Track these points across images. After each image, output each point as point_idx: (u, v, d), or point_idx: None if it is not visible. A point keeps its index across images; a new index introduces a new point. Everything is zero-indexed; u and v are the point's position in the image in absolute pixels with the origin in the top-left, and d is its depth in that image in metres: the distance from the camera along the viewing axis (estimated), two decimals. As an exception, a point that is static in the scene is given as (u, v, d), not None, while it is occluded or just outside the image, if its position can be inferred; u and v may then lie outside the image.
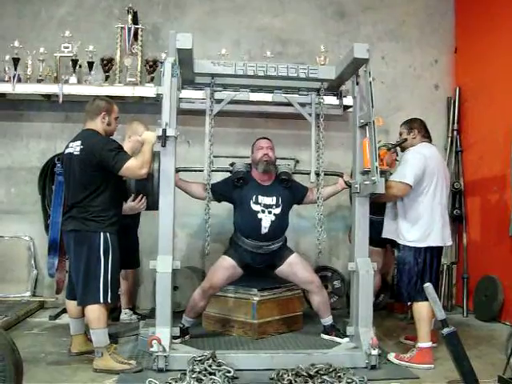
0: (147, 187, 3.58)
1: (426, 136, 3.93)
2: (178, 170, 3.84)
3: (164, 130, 3.35)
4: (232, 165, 4.22)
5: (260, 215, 3.97)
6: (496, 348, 3.90)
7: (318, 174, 4.06)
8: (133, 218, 4.33)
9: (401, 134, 4.01)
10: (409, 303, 3.73)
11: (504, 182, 4.80)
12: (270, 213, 3.98)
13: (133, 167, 3.32)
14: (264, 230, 3.96)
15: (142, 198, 4.00)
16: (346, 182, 4.09)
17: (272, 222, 3.97)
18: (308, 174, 4.13)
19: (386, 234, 3.95)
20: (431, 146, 3.89)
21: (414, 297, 3.67)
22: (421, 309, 3.63)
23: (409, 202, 3.73)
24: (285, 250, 4.10)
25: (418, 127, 3.92)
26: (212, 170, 3.99)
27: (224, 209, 4.64)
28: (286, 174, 4.13)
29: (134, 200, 4.04)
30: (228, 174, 4.22)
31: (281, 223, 4.05)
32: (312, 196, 4.16)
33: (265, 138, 4.18)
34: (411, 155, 3.74)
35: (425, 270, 3.68)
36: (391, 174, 3.82)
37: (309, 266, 4.19)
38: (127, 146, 4.13)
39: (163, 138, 3.35)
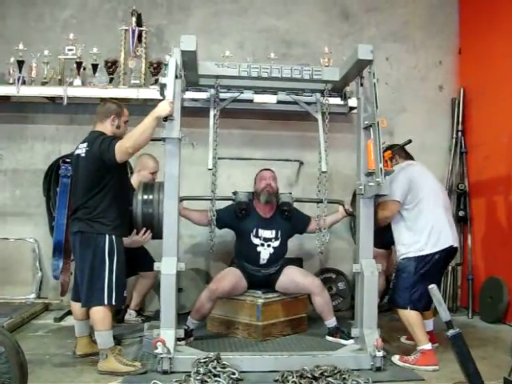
0: (153, 217, 3.63)
1: (408, 157, 4.02)
2: (182, 199, 3.83)
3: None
4: (235, 193, 4.26)
5: (259, 248, 4.13)
6: (501, 350, 3.90)
7: (319, 202, 4.02)
8: None
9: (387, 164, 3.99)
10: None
11: (509, 183, 4.79)
12: (269, 246, 4.14)
13: (120, 144, 3.27)
14: (262, 262, 4.14)
15: (146, 231, 3.91)
16: (346, 211, 4.16)
17: (270, 254, 4.13)
18: (314, 202, 4.10)
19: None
20: (409, 162, 3.93)
21: (405, 304, 3.63)
22: (408, 316, 3.61)
23: (410, 214, 3.70)
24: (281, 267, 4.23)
25: (398, 153, 4.00)
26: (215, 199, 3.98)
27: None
28: (287, 204, 4.22)
29: (137, 233, 3.94)
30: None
31: (279, 254, 4.20)
32: (314, 226, 4.18)
33: (268, 170, 4.28)
34: (392, 177, 3.70)
35: (426, 276, 3.59)
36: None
37: (306, 271, 4.31)
38: (135, 180, 4.13)
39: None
